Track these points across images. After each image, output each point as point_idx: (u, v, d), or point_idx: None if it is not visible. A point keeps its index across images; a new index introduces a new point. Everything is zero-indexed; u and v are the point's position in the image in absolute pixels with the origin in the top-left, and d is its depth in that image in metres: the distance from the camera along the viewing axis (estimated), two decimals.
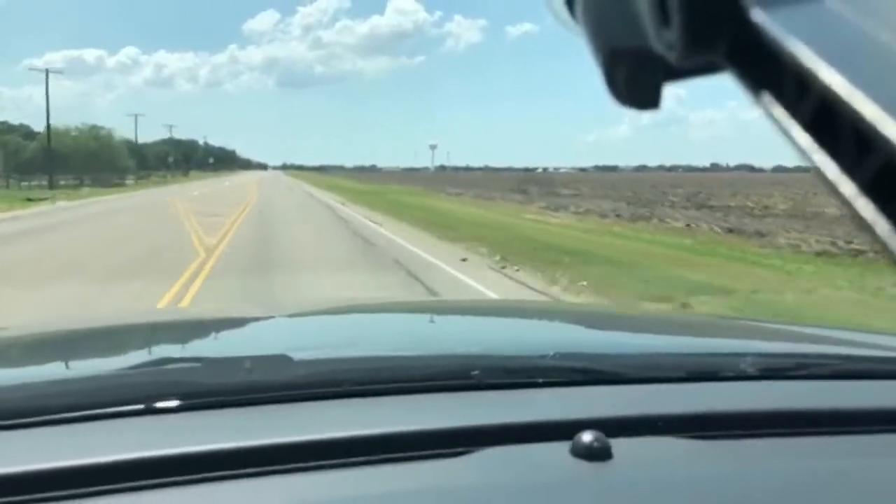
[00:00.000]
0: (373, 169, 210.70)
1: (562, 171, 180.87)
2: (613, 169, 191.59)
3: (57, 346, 1.40)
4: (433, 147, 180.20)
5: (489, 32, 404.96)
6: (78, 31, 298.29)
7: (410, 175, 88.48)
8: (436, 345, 1.33)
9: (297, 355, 1.02)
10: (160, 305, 6.27)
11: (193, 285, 7.34)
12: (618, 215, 19.11)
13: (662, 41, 0.24)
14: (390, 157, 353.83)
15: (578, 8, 0.28)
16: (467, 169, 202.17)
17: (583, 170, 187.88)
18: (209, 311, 2.84)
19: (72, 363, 1.28)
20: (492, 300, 5.75)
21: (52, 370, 1.19)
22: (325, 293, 6.61)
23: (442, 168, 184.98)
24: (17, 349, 1.36)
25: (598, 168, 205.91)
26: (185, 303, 6.41)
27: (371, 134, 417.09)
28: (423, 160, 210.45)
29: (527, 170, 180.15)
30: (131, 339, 1.50)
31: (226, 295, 6.91)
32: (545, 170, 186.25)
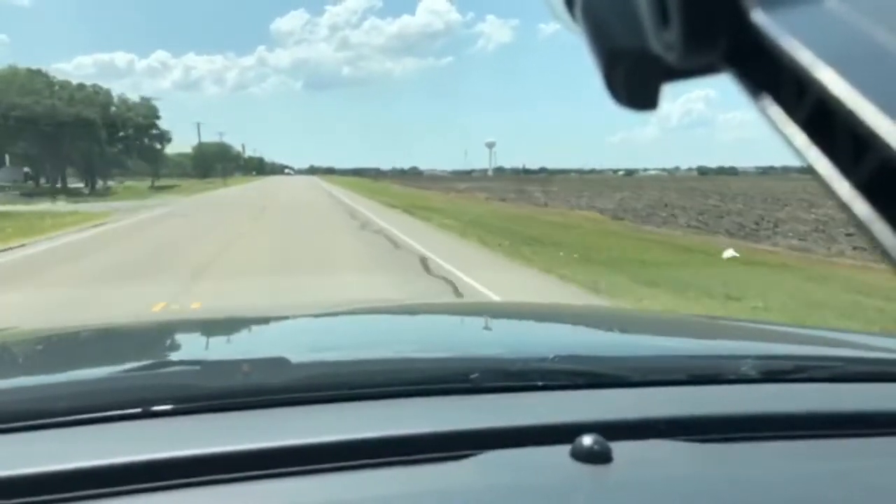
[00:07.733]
0: (414, 172, 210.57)
1: (651, 172, 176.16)
2: (733, 172, 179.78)
3: (53, 349, 1.55)
4: (490, 146, 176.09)
5: (521, 32, 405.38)
6: (110, 36, 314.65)
7: (469, 180, 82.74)
8: (434, 347, 1.45)
9: (296, 358, 1.13)
10: None
11: None
12: None
13: (662, 41, 0.28)
14: (432, 159, 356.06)
15: (578, 8, 0.32)
16: (526, 171, 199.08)
17: (703, 173, 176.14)
18: (208, 312, 3.08)
19: (68, 366, 1.39)
20: (491, 302, 5.93)
21: (49, 373, 1.32)
22: None
23: (500, 170, 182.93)
24: (13, 351, 1.51)
25: (717, 169, 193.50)
26: None
27: (406, 135, 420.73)
28: (475, 161, 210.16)
29: (628, 172, 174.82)
30: (128, 342, 1.64)
31: None
32: (631, 173, 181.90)
